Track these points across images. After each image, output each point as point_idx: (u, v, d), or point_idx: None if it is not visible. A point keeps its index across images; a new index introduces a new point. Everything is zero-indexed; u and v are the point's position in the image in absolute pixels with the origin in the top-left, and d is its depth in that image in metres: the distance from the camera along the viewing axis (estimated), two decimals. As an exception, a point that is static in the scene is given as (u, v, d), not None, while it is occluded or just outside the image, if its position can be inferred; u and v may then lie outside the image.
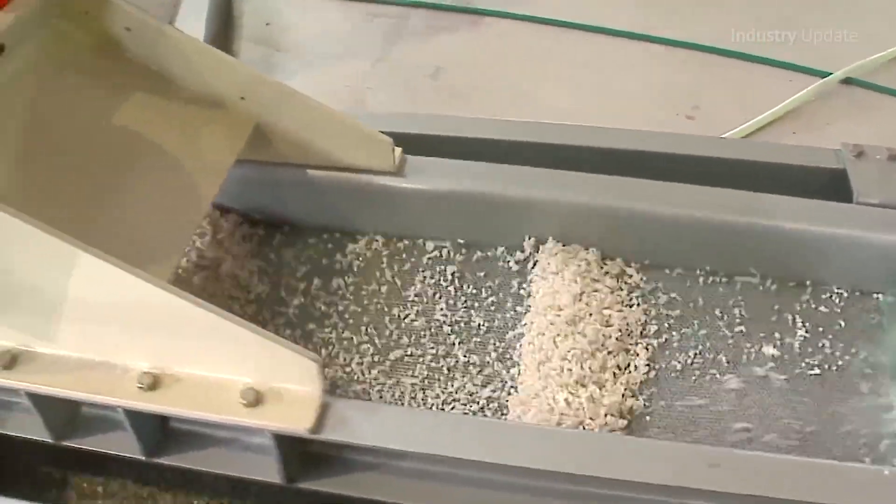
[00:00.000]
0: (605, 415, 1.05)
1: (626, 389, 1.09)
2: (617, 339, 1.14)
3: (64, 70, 1.11)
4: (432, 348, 1.16)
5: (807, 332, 1.16)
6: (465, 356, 1.15)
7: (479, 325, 1.19)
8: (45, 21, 1.10)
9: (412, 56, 2.73)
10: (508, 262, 1.25)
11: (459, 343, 1.17)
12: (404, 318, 1.20)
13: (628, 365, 1.12)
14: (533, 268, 1.23)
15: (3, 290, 0.95)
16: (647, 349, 1.14)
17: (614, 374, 1.11)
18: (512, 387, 1.12)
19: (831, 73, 2.03)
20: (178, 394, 0.93)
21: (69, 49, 1.13)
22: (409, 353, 1.16)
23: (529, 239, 1.24)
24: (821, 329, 1.16)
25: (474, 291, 1.23)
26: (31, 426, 1.05)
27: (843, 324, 1.17)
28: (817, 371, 1.12)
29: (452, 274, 1.24)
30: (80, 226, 0.91)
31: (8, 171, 1.00)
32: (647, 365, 1.13)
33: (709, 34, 2.52)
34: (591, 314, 1.15)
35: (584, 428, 1.04)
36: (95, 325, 0.94)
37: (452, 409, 1.10)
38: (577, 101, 2.45)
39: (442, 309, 1.20)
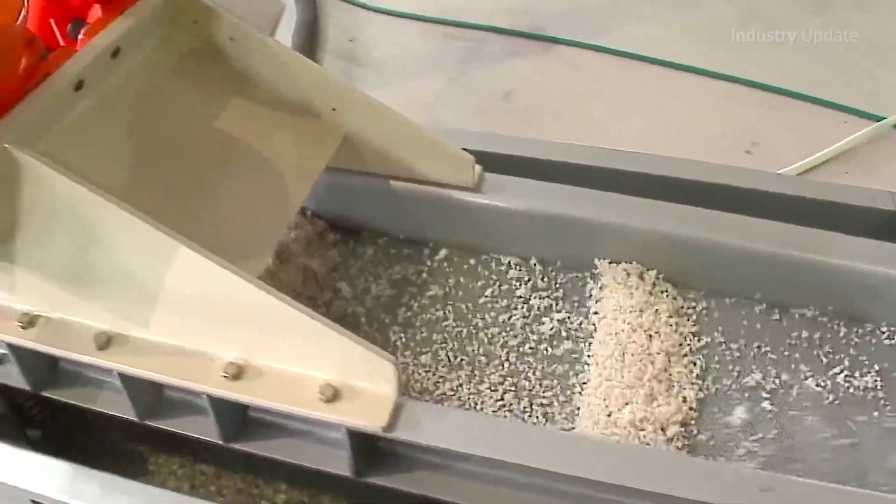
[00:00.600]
0: (663, 430, 1.06)
1: (680, 407, 1.09)
2: (673, 359, 1.13)
3: (170, 74, 1.14)
4: (502, 358, 1.17)
5: (856, 367, 1.14)
6: (532, 368, 1.16)
7: (546, 338, 1.19)
8: (157, 28, 1.14)
9: (486, 78, 2.76)
10: (576, 279, 1.26)
11: (527, 354, 1.17)
12: (474, 329, 1.21)
13: (682, 385, 1.12)
14: (598, 286, 1.24)
15: (104, 275, 0.98)
16: (701, 371, 1.14)
17: (670, 391, 1.11)
18: (576, 399, 1.12)
19: (885, 118, 2.01)
20: (261, 385, 0.94)
21: (176, 54, 1.16)
22: (478, 361, 1.17)
23: (597, 259, 1.24)
24: (870, 364, 1.15)
25: (543, 306, 1.23)
26: (119, 404, 1.07)
27: (891, 361, 1.15)
28: (865, 405, 1.11)
29: (522, 288, 1.25)
30: (179, 220, 0.93)
31: (116, 165, 1.03)
32: (698, 386, 1.12)
33: (770, 74, 2.51)
34: (650, 334, 1.15)
35: (641, 443, 1.04)
36: (187, 315, 0.96)
37: (518, 417, 1.11)
38: (642, 130, 2.45)
39: (511, 321, 1.21)
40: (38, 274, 1.01)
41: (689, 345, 1.17)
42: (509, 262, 1.28)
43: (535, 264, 1.28)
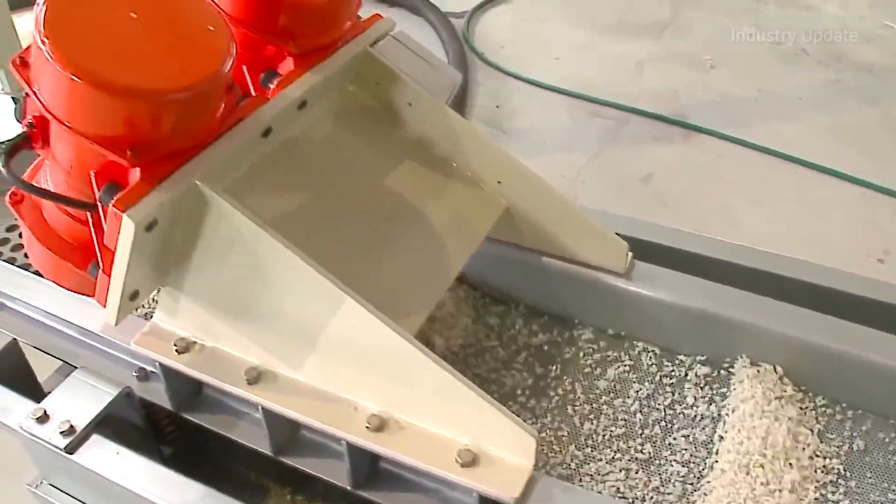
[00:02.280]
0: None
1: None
2: (802, 475, 1.11)
3: (348, 129, 1.18)
4: (626, 444, 1.17)
5: None
6: (655, 459, 1.15)
7: (673, 430, 1.18)
8: (341, 85, 1.19)
9: (626, 158, 2.78)
10: (712, 376, 1.25)
11: (652, 444, 1.16)
12: (608, 411, 1.20)
13: (807, 491, 1.09)
14: (730, 383, 1.22)
15: (265, 313, 1.01)
16: (828, 479, 1.11)
17: (794, 493, 1.08)
18: (704, 493, 1.10)
19: None
20: (402, 440, 0.96)
21: (356, 111, 1.20)
22: (602, 443, 1.17)
23: (736, 357, 1.23)
24: None
25: (674, 398, 1.22)
26: (257, 437, 1.10)
27: None
28: None
29: (657, 377, 1.24)
30: (344, 269, 0.96)
31: (291, 210, 1.07)
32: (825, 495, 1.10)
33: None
34: (782, 446, 1.13)
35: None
36: (338, 362, 0.99)
37: (645, 504, 1.10)
38: (776, 226, 2.42)
39: (641, 408, 1.21)
40: (202, 303, 1.05)
41: (817, 452, 1.14)
42: (648, 349, 1.28)
43: (672, 355, 1.27)
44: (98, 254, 0.99)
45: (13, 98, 2.80)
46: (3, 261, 1.39)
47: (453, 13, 3.64)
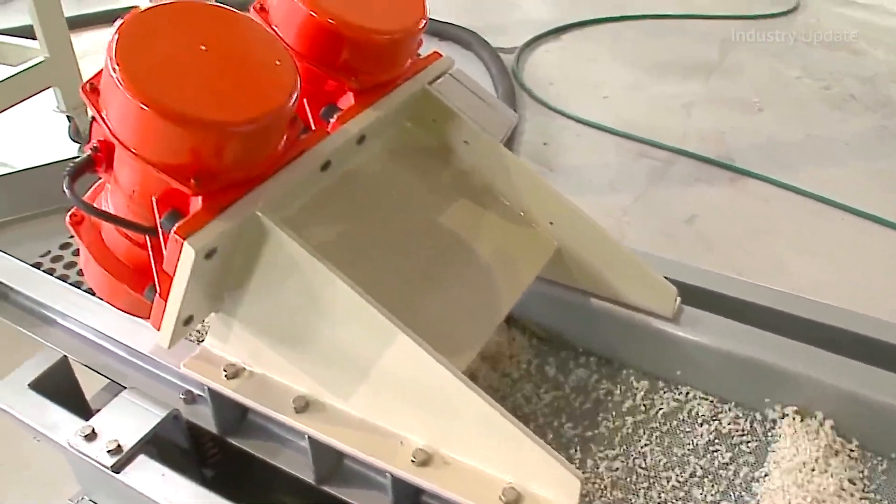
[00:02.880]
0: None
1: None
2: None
3: (405, 165, 1.20)
4: (665, 487, 1.16)
5: None
6: (706, 500, 1.14)
7: (715, 477, 1.17)
8: (398, 121, 1.20)
9: (671, 199, 2.77)
10: (757, 422, 1.24)
11: (692, 489, 1.16)
12: (650, 456, 1.20)
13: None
14: (777, 434, 1.21)
15: (316, 343, 1.03)
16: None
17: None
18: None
19: None
20: (447, 476, 0.96)
21: (413, 148, 1.22)
22: (640, 486, 1.16)
23: (779, 407, 1.22)
24: None
25: (717, 444, 1.21)
26: (300, 465, 1.11)
27: None
28: None
29: (701, 423, 1.24)
30: (397, 302, 0.97)
31: (346, 242, 1.09)
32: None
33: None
34: (828, 491, 1.12)
35: None
36: (386, 395, 1.00)
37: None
38: (822, 273, 2.41)
39: (681, 454, 1.20)
40: (254, 330, 1.07)
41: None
42: (692, 395, 1.27)
43: (720, 402, 1.26)
44: (155, 278, 1.00)
45: (68, 116, 2.86)
46: (56, 277, 1.41)
47: (503, 49, 3.67)
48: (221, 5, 1.02)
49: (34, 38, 2.75)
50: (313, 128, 1.10)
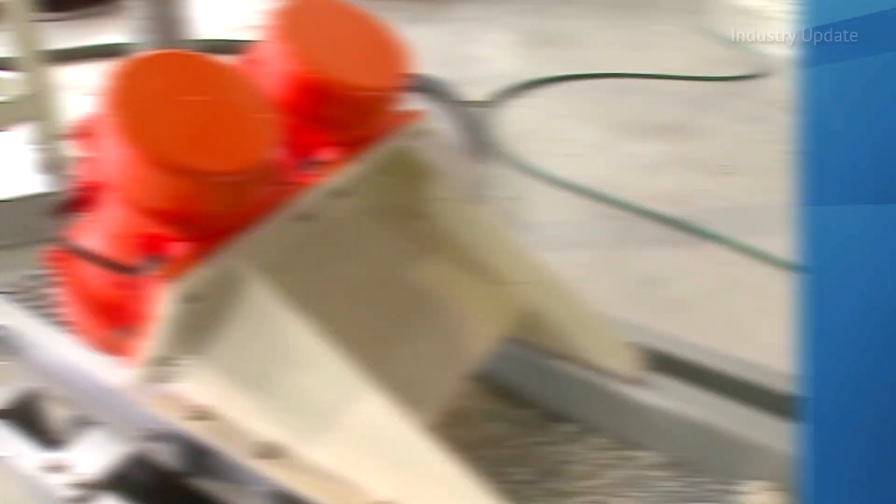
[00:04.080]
0: None
1: None
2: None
3: (379, 220, 1.23)
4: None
5: None
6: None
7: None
8: (378, 176, 1.23)
9: (634, 260, 2.79)
10: (718, 492, 1.24)
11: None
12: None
13: None
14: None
15: (284, 391, 1.05)
16: None
17: None
18: None
19: None
20: (405, 529, 0.99)
21: (389, 203, 1.25)
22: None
23: (744, 476, 1.23)
24: None
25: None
26: (257, 511, 1.12)
27: None
28: None
29: (661, 487, 1.25)
30: (366, 356, 1.00)
31: (318, 293, 1.10)
32: None
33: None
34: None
35: None
36: (350, 447, 1.02)
37: None
38: (781, 337, 2.43)
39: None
40: (223, 374, 1.09)
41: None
42: (655, 460, 1.28)
43: (679, 467, 1.27)
44: (132, 318, 1.03)
45: (38, 150, 2.83)
46: (27, 308, 1.42)
47: (473, 102, 3.70)
48: (208, 56, 1.05)
49: (11, 69, 2.76)
50: (294, 179, 1.13)
